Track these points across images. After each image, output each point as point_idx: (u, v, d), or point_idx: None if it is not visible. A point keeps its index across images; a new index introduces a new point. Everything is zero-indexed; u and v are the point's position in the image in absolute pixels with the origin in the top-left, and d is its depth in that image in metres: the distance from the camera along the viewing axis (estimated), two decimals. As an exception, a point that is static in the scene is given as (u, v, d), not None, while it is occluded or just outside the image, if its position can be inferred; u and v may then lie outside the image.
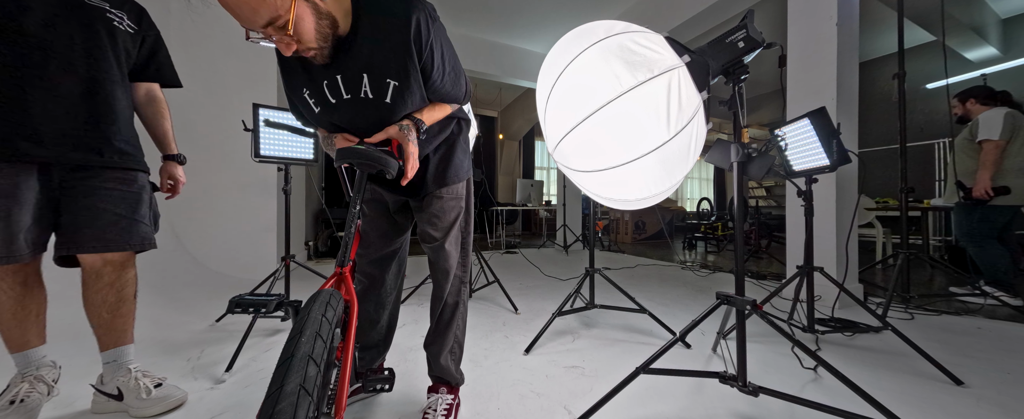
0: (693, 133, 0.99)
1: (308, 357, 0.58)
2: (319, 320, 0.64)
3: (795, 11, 2.60)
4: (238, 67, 3.14)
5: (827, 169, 1.60)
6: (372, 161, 0.89)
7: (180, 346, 1.73)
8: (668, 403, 1.25)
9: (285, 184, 1.96)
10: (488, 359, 1.61)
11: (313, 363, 0.58)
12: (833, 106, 2.34)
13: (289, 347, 0.59)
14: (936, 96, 5.31)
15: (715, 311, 1.21)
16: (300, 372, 0.55)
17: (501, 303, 2.44)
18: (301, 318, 0.64)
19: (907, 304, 2.32)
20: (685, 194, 9.98)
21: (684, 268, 3.95)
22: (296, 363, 0.56)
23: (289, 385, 0.54)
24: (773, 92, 7.42)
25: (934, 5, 3.67)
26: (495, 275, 2.61)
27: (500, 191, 8.58)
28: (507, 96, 7.90)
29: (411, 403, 1.26)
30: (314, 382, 0.56)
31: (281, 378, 0.55)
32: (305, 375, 0.55)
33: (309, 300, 0.69)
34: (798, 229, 2.41)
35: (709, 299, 2.60)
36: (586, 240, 5.40)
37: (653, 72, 0.95)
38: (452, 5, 4.29)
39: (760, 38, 0.99)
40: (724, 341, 1.68)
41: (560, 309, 1.83)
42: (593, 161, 1.11)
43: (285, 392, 0.53)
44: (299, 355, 0.57)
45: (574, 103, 1.06)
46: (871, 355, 1.63)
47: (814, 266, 1.68)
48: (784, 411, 1.18)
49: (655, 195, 1.11)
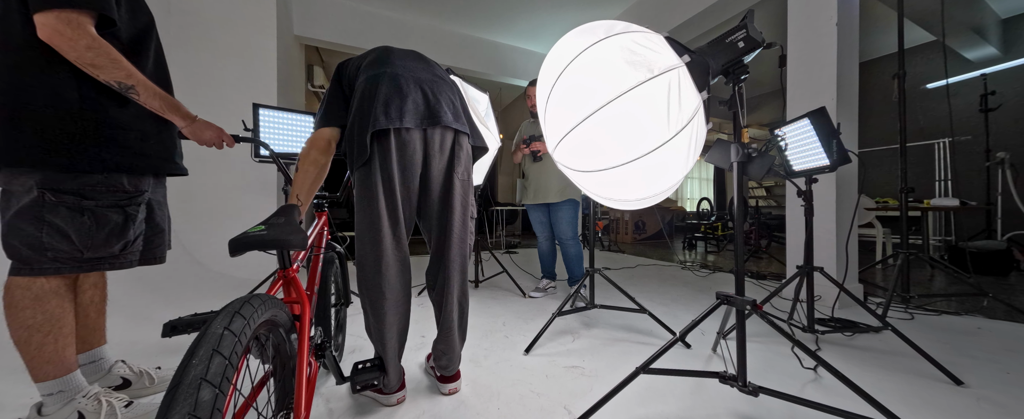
0: (693, 133, 0.99)
1: (199, 380, 0.51)
2: (219, 334, 0.57)
3: (795, 11, 2.60)
4: (238, 67, 3.14)
5: (827, 169, 1.60)
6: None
7: (181, 346, 1.73)
8: (668, 403, 1.25)
9: (285, 184, 1.96)
10: (488, 359, 1.61)
11: (207, 386, 0.51)
12: (833, 106, 2.34)
13: (177, 374, 0.52)
14: (936, 96, 5.31)
15: (715, 311, 1.21)
16: (188, 400, 0.49)
17: (507, 287, 2.44)
18: (197, 338, 0.57)
19: (907, 304, 2.31)
20: (685, 194, 9.97)
21: (684, 268, 3.95)
22: (182, 391, 0.50)
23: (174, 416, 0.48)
24: (773, 92, 7.43)
25: (934, 5, 3.67)
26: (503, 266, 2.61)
27: (500, 191, 8.59)
28: (507, 96, 7.90)
29: (413, 405, 1.26)
30: (211, 406, 0.51)
31: (165, 409, 0.49)
32: (195, 401, 0.50)
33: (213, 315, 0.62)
34: (798, 229, 2.41)
35: (709, 299, 2.60)
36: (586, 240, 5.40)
37: (653, 72, 0.95)
38: (452, 5, 4.29)
39: (760, 38, 0.99)
40: (724, 341, 1.68)
41: (560, 309, 1.83)
42: (593, 161, 1.11)
43: None
44: (187, 381, 0.51)
45: (574, 103, 1.06)
46: (871, 355, 1.63)
47: (814, 266, 1.68)
48: (784, 411, 1.18)
49: (655, 195, 1.11)
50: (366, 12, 4.35)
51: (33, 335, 1.00)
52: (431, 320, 2.12)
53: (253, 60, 3.21)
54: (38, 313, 1.00)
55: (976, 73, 4.71)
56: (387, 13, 4.43)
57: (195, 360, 0.53)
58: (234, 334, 0.59)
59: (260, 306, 0.67)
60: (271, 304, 0.71)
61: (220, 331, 0.58)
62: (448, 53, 4.82)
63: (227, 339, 0.57)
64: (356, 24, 4.31)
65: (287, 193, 1.95)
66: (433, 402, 1.27)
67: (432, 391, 1.34)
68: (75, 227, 0.99)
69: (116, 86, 0.97)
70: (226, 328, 0.59)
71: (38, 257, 0.98)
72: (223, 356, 0.55)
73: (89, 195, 1.00)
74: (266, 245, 0.76)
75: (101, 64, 0.94)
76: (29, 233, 0.96)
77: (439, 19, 4.58)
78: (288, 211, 0.89)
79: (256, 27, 3.24)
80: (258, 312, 0.66)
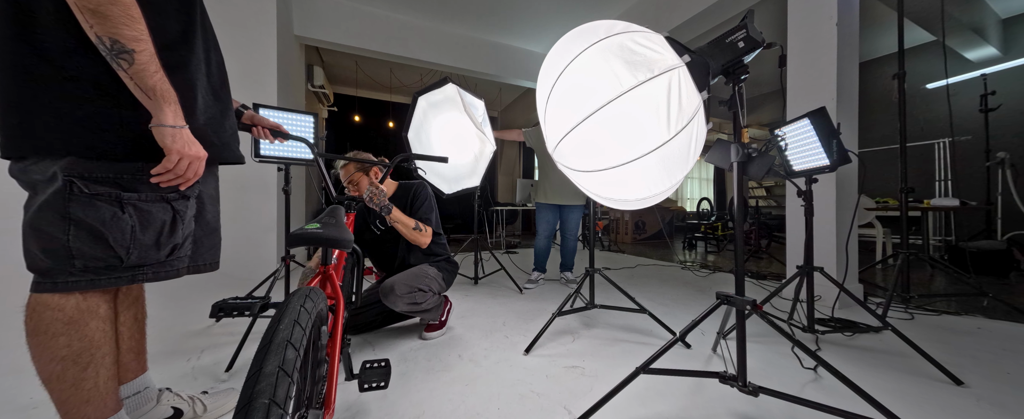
0: (693, 133, 0.99)
1: (286, 342, 0.60)
2: (298, 309, 0.67)
3: (795, 11, 2.60)
4: (238, 67, 3.14)
5: (827, 169, 1.60)
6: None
7: (180, 347, 1.73)
8: (668, 403, 1.25)
9: (285, 184, 1.96)
10: (488, 359, 1.61)
11: (291, 347, 0.60)
12: (833, 106, 2.34)
13: (268, 334, 0.61)
14: (936, 96, 5.31)
15: (715, 311, 1.21)
16: (278, 354, 0.58)
17: (507, 287, 2.44)
18: (280, 309, 0.67)
19: (907, 304, 2.31)
20: (685, 194, 9.97)
21: (684, 268, 3.95)
22: (274, 347, 0.59)
23: (268, 366, 0.56)
24: (773, 92, 7.42)
25: (934, 5, 3.67)
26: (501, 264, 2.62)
27: (500, 191, 8.58)
28: (507, 96, 7.90)
29: (413, 406, 1.26)
30: (293, 365, 0.58)
31: (260, 360, 0.57)
32: (283, 357, 0.58)
33: (285, 300, 0.71)
34: (798, 229, 2.41)
35: (709, 299, 2.60)
36: (586, 240, 5.40)
37: (653, 72, 0.95)
38: (453, 5, 4.29)
39: (760, 38, 0.99)
40: (724, 341, 1.68)
41: (560, 309, 1.83)
42: (593, 161, 1.11)
43: (264, 373, 0.55)
44: (277, 340, 0.60)
45: (574, 103, 1.07)
46: (871, 355, 1.63)
47: (814, 266, 1.68)
48: (784, 411, 1.18)
49: (655, 195, 1.11)
50: (366, 12, 4.34)
51: (68, 369, 0.79)
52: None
53: (253, 60, 3.21)
54: (74, 340, 0.79)
55: (976, 73, 4.71)
56: (387, 13, 4.43)
57: (281, 326, 0.63)
58: (308, 312, 0.69)
59: (318, 299, 0.76)
60: (322, 297, 0.79)
61: (298, 307, 0.68)
62: (448, 53, 4.82)
63: (304, 315, 0.67)
64: (356, 24, 4.31)
65: (288, 193, 1.96)
66: (434, 401, 1.27)
67: (432, 390, 1.34)
68: (113, 226, 0.78)
69: (107, 46, 0.69)
70: (302, 306, 0.68)
71: (63, 267, 0.77)
72: (302, 327, 0.64)
73: (129, 186, 0.80)
74: (321, 242, 0.84)
75: (110, 13, 0.67)
76: (50, 235, 0.76)
77: (439, 19, 4.58)
78: (337, 212, 0.96)
79: (256, 27, 3.24)
80: (317, 304, 0.75)
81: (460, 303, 2.47)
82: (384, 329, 1.98)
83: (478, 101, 2.63)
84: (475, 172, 2.75)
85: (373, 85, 6.82)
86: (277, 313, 0.66)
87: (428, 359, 1.60)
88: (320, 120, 6.21)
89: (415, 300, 1.71)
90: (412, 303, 1.70)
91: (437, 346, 1.75)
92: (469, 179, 2.77)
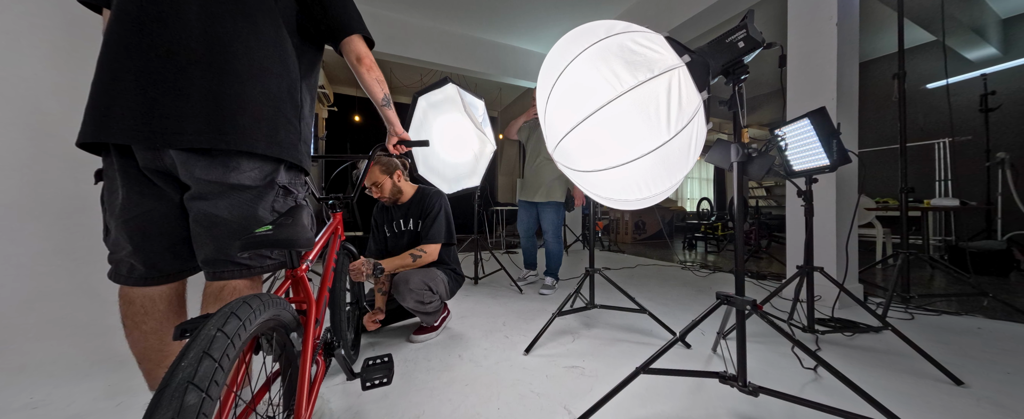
0: (693, 133, 0.99)
1: (186, 383, 0.50)
2: (211, 336, 0.56)
3: (795, 11, 2.60)
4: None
5: (827, 169, 1.60)
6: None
7: (180, 346, 1.73)
8: (668, 403, 1.25)
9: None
10: (488, 359, 1.61)
11: (194, 390, 0.50)
12: (833, 106, 2.34)
13: (165, 376, 0.51)
14: (936, 96, 5.31)
15: (715, 311, 1.21)
16: (172, 405, 0.48)
17: (507, 285, 2.44)
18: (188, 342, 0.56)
19: (907, 304, 2.31)
20: (685, 194, 9.97)
21: (684, 268, 3.95)
22: (166, 395, 0.49)
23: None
24: (773, 92, 7.42)
25: (934, 5, 3.67)
26: (501, 264, 2.62)
27: (500, 191, 8.59)
28: (507, 96, 7.90)
29: (413, 406, 1.26)
30: (197, 410, 0.50)
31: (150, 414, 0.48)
32: (180, 406, 0.48)
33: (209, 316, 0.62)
34: (798, 229, 2.41)
35: (709, 299, 2.60)
36: (586, 240, 5.40)
37: (653, 72, 0.95)
38: (453, 5, 4.29)
39: (760, 38, 0.99)
40: (724, 341, 1.68)
41: (560, 309, 1.83)
42: (593, 161, 1.11)
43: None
44: (173, 384, 0.50)
45: (574, 103, 1.06)
46: (871, 355, 1.63)
47: (814, 266, 1.68)
48: (784, 411, 1.18)
49: (655, 195, 1.11)
50: (366, 12, 4.32)
51: None
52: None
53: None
54: None
55: (976, 73, 4.71)
56: (387, 13, 4.43)
57: (184, 363, 0.52)
58: (227, 336, 0.57)
59: (259, 306, 0.66)
60: (272, 304, 0.70)
61: (212, 333, 0.56)
62: (448, 53, 4.81)
63: (219, 341, 0.56)
64: (356, 24, 4.31)
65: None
66: (434, 402, 1.27)
67: (432, 391, 1.34)
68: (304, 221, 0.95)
69: (384, 98, 1.16)
70: (219, 329, 0.57)
71: (261, 260, 0.96)
72: (213, 359, 0.53)
73: (297, 188, 1.01)
74: (272, 244, 0.77)
75: (381, 78, 1.14)
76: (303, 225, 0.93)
77: (439, 19, 4.58)
78: (295, 212, 0.91)
79: (256, 27, 3.23)
80: (256, 312, 0.65)
81: (460, 303, 2.47)
82: (384, 329, 1.98)
83: (478, 101, 2.64)
84: (475, 172, 2.76)
85: (373, 85, 6.81)
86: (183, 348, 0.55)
87: (428, 359, 1.60)
88: (320, 120, 6.21)
89: (423, 299, 1.72)
90: (419, 301, 1.71)
91: (437, 346, 1.75)
92: (469, 179, 2.78)
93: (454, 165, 2.70)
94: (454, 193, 2.80)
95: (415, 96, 2.53)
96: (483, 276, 3.19)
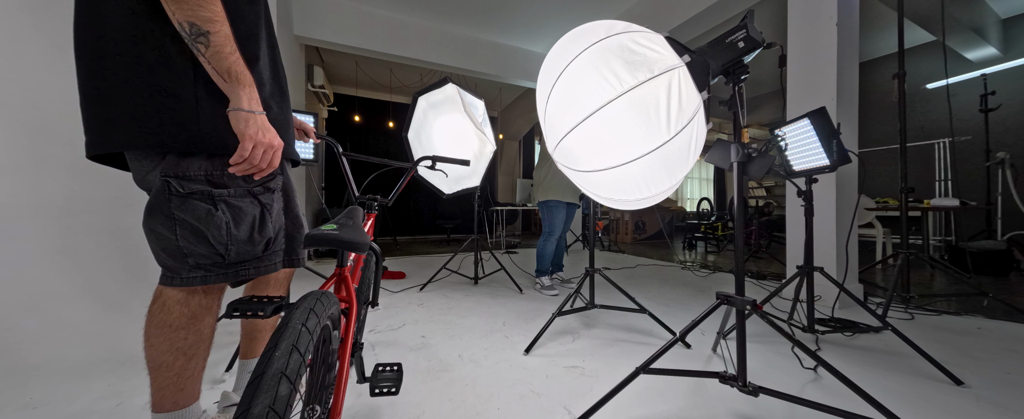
0: (693, 133, 0.99)
1: (280, 374, 0.54)
2: (298, 330, 0.59)
3: (795, 11, 2.60)
4: (238, 67, 3.14)
5: (827, 169, 1.60)
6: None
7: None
8: (668, 403, 1.25)
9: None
10: (488, 359, 1.61)
11: (285, 381, 0.54)
12: (833, 106, 2.34)
13: (261, 363, 0.55)
14: (936, 96, 5.31)
15: (715, 311, 1.21)
16: (269, 392, 0.52)
17: (507, 287, 2.44)
18: (278, 329, 0.60)
19: (907, 304, 2.31)
20: (685, 194, 9.97)
21: (684, 268, 3.95)
22: (265, 382, 0.52)
23: (256, 407, 0.51)
24: (773, 92, 7.42)
25: (934, 5, 3.67)
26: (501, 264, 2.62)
27: (500, 191, 8.59)
28: (507, 96, 7.90)
29: (413, 405, 1.26)
30: (286, 402, 0.53)
31: (249, 399, 0.51)
32: (275, 395, 0.52)
33: (291, 307, 0.64)
34: (798, 229, 2.41)
35: (709, 299, 2.60)
36: (586, 240, 5.40)
37: (653, 72, 0.95)
38: (452, 5, 4.29)
39: (760, 38, 0.99)
40: (724, 341, 1.68)
41: (560, 309, 1.83)
42: (593, 161, 1.11)
43: (252, 415, 0.50)
44: (270, 373, 0.53)
45: (574, 103, 1.07)
46: (871, 355, 1.63)
47: (814, 266, 1.68)
48: (784, 411, 1.18)
49: (655, 195, 1.11)
50: (366, 12, 4.34)
51: (177, 359, 0.84)
52: (430, 321, 2.12)
53: (253, 60, 3.21)
54: (191, 334, 0.84)
55: (976, 73, 4.71)
56: (387, 13, 4.43)
57: (277, 353, 0.55)
58: (309, 332, 0.61)
59: (329, 304, 0.70)
60: (333, 301, 0.74)
61: (299, 328, 0.59)
62: (448, 53, 4.81)
63: (304, 337, 0.59)
64: (356, 24, 4.31)
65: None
66: (434, 402, 1.27)
67: (433, 391, 1.34)
68: (210, 224, 0.80)
69: (186, 30, 0.69)
70: (303, 325, 0.60)
71: (182, 264, 0.81)
72: (300, 353, 0.57)
73: (219, 182, 0.81)
74: (337, 244, 0.77)
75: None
76: (163, 235, 0.80)
77: (439, 19, 4.58)
78: (355, 213, 0.92)
79: (256, 27, 3.23)
80: (327, 310, 0.69)
81: (460, 303, 2.47)
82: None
83: (478, 101, 2.64)
84: (475, 172, 2.76)
85: (373, 85, 6.81)
86: (273, 336, 0.59)
87: (428, 359, 1.60)
88: (320, 120, 6.21)
89: None
90: None
91: (437, 346, 1.75)
92: (469, 179, 2.78)
93: (453, 165, 2.70)
94: (454, 193, 2.80)
95: (415, 96, 2.54)
96: (483, 276, 3.19)
